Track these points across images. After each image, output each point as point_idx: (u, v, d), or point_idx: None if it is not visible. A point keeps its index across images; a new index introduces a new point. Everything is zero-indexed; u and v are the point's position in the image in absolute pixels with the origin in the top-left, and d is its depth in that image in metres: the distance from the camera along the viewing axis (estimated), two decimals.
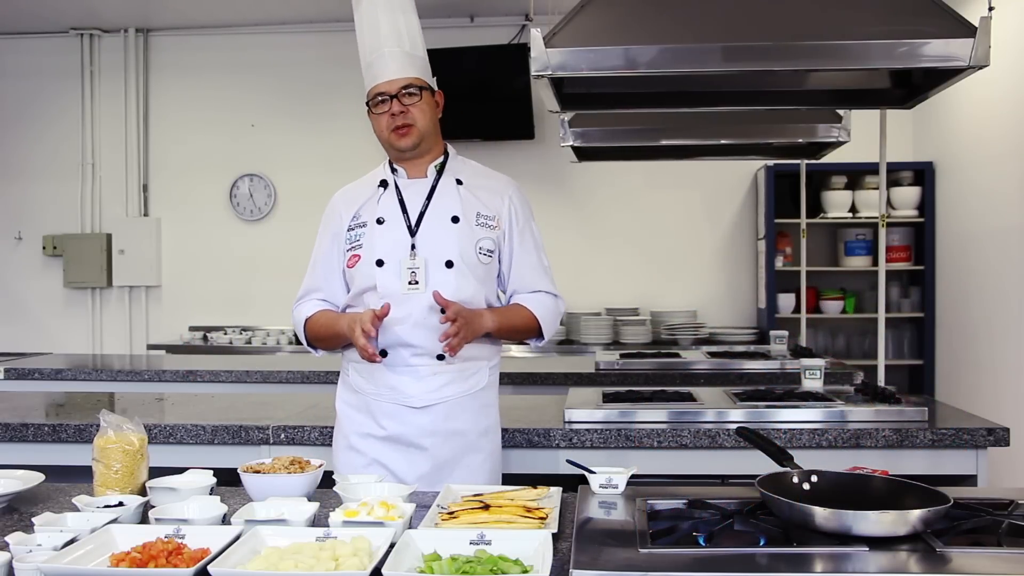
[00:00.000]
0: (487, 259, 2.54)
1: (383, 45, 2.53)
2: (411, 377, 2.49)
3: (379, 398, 2.53)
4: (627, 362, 4.47)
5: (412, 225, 2.51)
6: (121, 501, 1.92)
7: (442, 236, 2.50)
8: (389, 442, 2.50)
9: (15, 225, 7.07)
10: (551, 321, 2.63)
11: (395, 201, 2.55)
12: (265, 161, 6.82)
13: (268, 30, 6.70)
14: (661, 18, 2.18)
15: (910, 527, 1.60)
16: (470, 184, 2.59)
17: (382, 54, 2.52)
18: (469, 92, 6.34)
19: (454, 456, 2.49)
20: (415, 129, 2.52)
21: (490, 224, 2.55)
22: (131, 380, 4.47)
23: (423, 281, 2.47)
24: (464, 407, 2.52)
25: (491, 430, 2.60)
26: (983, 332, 5.27)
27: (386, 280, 2.48)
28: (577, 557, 1.55)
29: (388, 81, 2.51)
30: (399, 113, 2.50)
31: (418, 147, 2.55)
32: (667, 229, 6.60)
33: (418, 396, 2.49)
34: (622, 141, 3.93)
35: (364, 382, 2.56)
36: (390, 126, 2.52)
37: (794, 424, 2.89)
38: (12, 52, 7.00)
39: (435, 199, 2.54)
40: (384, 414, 2.52)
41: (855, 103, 2.81)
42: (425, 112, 2.53)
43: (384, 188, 2.58)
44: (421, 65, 2.56)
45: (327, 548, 1.58)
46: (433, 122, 2.57)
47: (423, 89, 2.53)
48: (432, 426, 2.49)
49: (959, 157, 5.65)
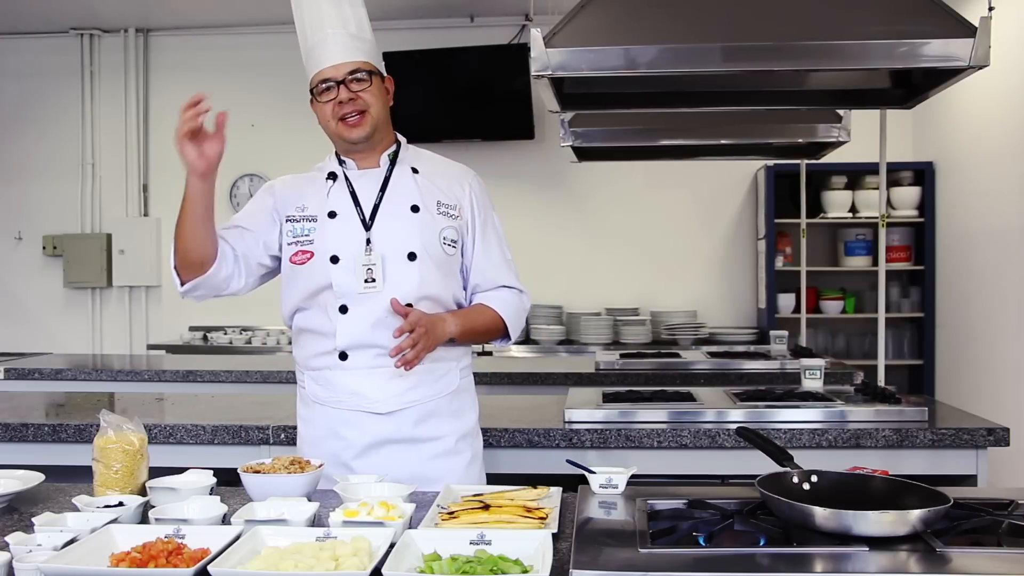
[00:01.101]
0: (452, 250, 2.36)
1: (325, 27, 2.33)
2: (374, 381, 2.30)
3: (339, 405, 2.34)
4: (627, 362, 4.47)
5: (366, 218, 2.33)
6: (121, 501, 1.92)
7: (401, 227, 2.32)
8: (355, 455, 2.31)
9: (15, 225, 7.07)
10: (517, 319, 2.46)
11: (346, 193, 2.36)
12: (265, 161, 6.82)
13: (268, 30, 6.69)
14: (661, 18, 2.18)
15: (910, 527, 1.60)
16: (427, 172, 2.41)
17: (324, 35, 2.32)
18: (469, 92, 6.36)
19: (427, 464, 2.30)
20: (367, 116, 2.32)
21: (452, 213, 2.38)
22: (131, 380, 4.47)
23: (380, 278, 2.28)
24: (434, 412, 2.35)
25: (469, 435, 2.43)
26: (983, 332, 5.26)
27: (342, 278, 2.29)
28: (577, 557, 1.55)
29: (333, 66, 2.30)
30: (347, 100, 2.30)
31: (371, 137, 2.35)
32: (667, 229, 6.60)
33: (383, 401, 2.31)
34: (622, 141, 3.93)
35: (321, 390, 2.37)
36: (336, 115, 2.32)
37: (794, 424, 2.88)
38: (12, 52, 7.00)
39: (390, 188, 2.36)
40: (346, 423, 2.33)
41: (855, 103, 2.81)
42: (378, 98, 2.33)
43: (333, 180, 2.39)
44: (369, 49, 2.36)
45: (327, 548, 1.58)
46: (385, 110, 2.37)
47: (372, 74, 2.33)
48: (399, 434, 2.32)
49: (959, 157, 5.65)
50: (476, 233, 2.43)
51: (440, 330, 2.29)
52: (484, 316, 2.42)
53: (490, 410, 3.07)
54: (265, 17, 6.57)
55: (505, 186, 5.87)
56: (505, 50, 6.38)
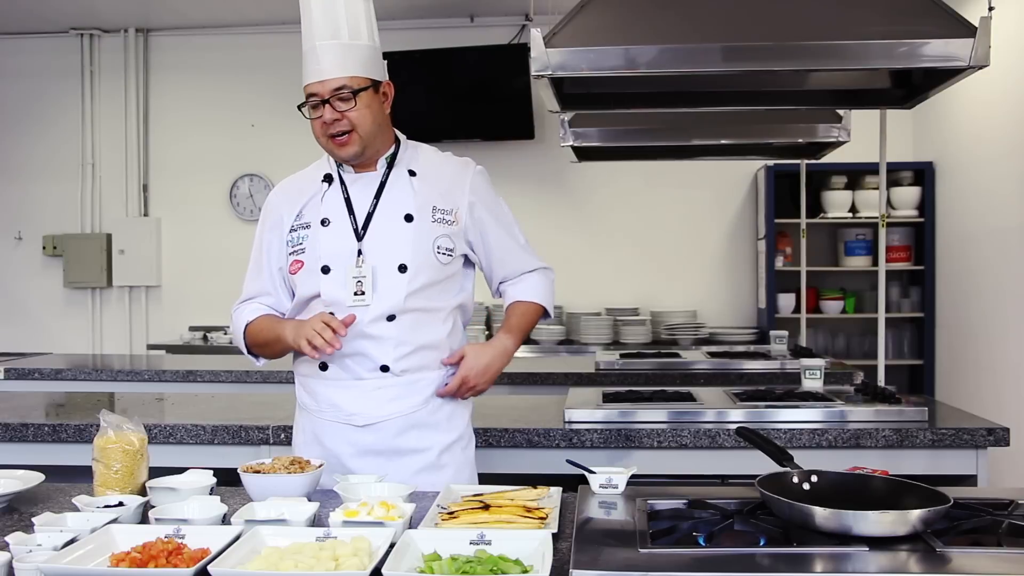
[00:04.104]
0: (446, 259, 2.31)
1: (315, 37, 2.25)
2: (352, 393, 2.29)
3: (321, 415, 2.34)
4: (627, 362, 4.47)
5: (359, 228, 2.29)
6: (121, 501, 1.92)
7: (394, 237, 2.27)
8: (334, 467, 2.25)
9: (15, 225, 7.07)
10: (551, 297, 2.52)
11: (341, 199, 2.32)
12: (265, 161, 6.82)
13: (268, 30, 6.69)
14: (661, 18, 2.18)
15: (910, 527, 1.60)
16: (425, 175, 2.35)
17: (313, 47, 2.25)
18: (469, 92, 6.36)
19: (410, 477, 2.20)
20: (354, 136, 2.25)
21: (447, 220, 2.32)
22: (131, 380, 4.47)
23: (370, 290, 2.25)
24: (416, 423, 2.31)
25: (455, 446, 2.36)
26: (983, 332, 5.26)
27: (331, 289, 2.27)
28: (577, 557, 1.55)
29: (320, 82, 2.24)
30: (332, 121, 2.24)
31: (362, 154, 2.29)
32: (667, 229, 6.60)
33: (361, 414, 2.29)
34: (622, 141, 3.93)
35: (308, 398, 2.37)
36: (324, 132, 2.27)
37: (794, 424, 2.88)
38: (12, 52, 6.99)
39: (385, 195, 2.31)
40: (327, 433, 2.32)
41: (855, 103, 2.82)
42: (365, 115, 2.25)
43: (329, 184, 2.35)
44: (363, 57, 2.25)
45: (327, 548, 1.58)
46: (378, 122, 2.29)
47: (361, 90, 2.24)
48: (380, 446, 2.29)
49: (959, 157, 5.65)
50: (486, 228, 2.40)
51: (499, 363, 2.38)
52: (527, 314, 2.48)
53: (490, 410, 3.07)
54: (265, 17, 6.57)
55: (505, 186, 5.82)
56: (505, 50, 6.38)
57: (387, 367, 2.28)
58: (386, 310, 2.27)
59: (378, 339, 2.27)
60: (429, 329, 2.33)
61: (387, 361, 2.28)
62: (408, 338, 2.29)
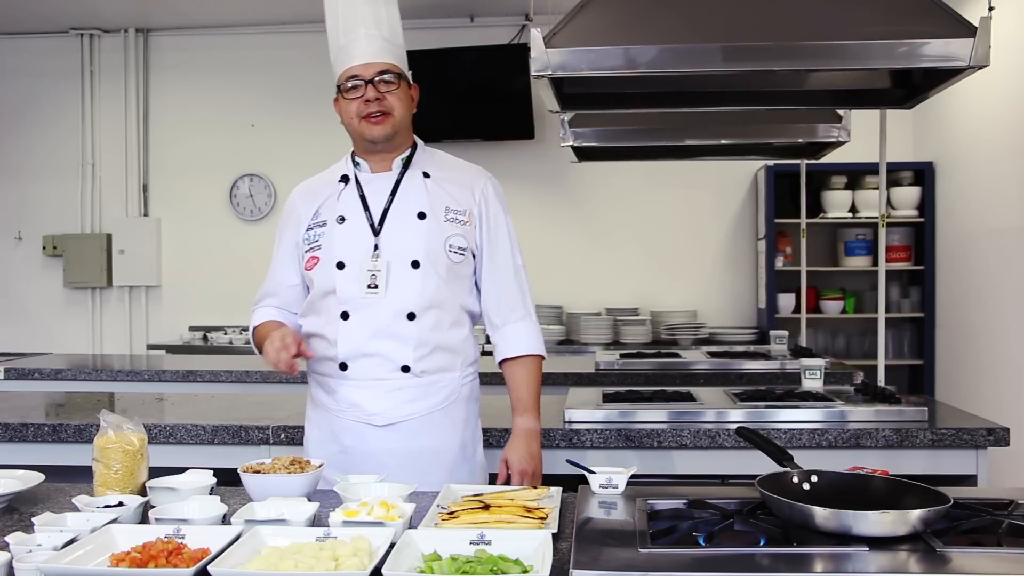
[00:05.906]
0: (459, 257, 2.36)
1: (360, 26, 2.34)
2: (373, 392, 2.32)
3: (340, 414, 2.37)
4: (627, 362, 4.47)
5: (375, 223, 2.35)
6: (121, 501, 1.92)
7: (408, 234, 2.33)
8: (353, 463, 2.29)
9: (15, 225, 7.07)
10: (542, 343, 2.48)
11: (356, 198, 2.38)
12: (265, 161, 6.82)
13: (268, 30, 6.70)
14: (661, 18, 2.18)
15: (910, 527, 1.60)
16: (438, 177, 2.41)
17: (358, 36, 2.34)
18: (469, 92, 6.36)
19: (426, 478, 2.19)
20: (391, 118, 2.34)
21: (460, 219, 2.37)
22: (131, 380, 4.47)
23: (383, 285, 2.29)
24: (435, 423, 2.34)
25: (468, 446, 2.42)
26: (983, 332, 5.26)
27: (346, 284, 2.31)
28: (577, 557, 1.55)
29: (364, 64, 2.32)
30: (374, 100, 2.32)
31: (392, 139, 2.38)
32: (667, 229, 6.60)
33: (381, 413, 2.32)
34: (622, 141, 3.93)
35: (326, 396, 2.40)
36: (361, 112, 2.33)
37: (794, 424, 2.88)
38: (12, 52, 7.00)
39: (400, 194, 2.37)
40: (345, 431, 2.35)
41: (855, 103, 2.82)
42: (402, 101, 2.37)
43: (345, 184, 2.42)
44: (399, 54, 2.40)
45: (327, 548, 1.58)
46: (408, 115, 2.40)
47: (401, 77, 2.37)
48: (398, 445, 2.31)
49: (959, 157, 5.65)
50: (484, 245, 2.42)
51: (535, 444, 2.40)
52: (530, 375, 2.44)
53: (490, 410, 3.06)
54: (265, 17, 6.57)
55: (505, 186, 5.82)
56: (505, 50, 6.38)
57: (408, 367, 2.32)
58: (402, 306, 2.31)
59: (398, 338, 2.30)
60: (447, 331, 2.37)
61: (408, 362, 2.32)
62: (428, 338, 2.33)
